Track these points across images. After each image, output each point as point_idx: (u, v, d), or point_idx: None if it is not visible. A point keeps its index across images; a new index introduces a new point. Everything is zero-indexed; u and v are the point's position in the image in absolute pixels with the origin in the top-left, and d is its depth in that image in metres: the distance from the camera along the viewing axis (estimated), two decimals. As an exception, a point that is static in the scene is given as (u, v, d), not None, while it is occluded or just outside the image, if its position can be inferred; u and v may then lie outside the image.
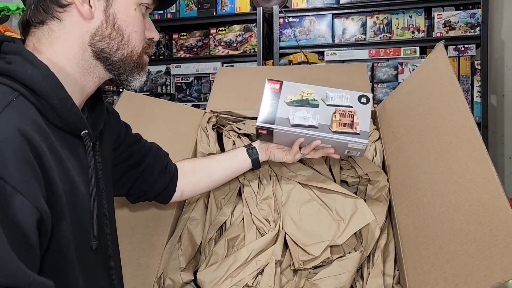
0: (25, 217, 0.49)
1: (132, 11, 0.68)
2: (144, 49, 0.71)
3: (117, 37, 0.66)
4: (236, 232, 1.05)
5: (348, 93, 0.91)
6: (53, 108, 0.59)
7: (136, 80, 0.72)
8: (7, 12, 1.47)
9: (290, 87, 0.92)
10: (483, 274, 0.64)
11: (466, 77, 2.36)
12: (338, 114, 0.89)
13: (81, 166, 0.65)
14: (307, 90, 0.91)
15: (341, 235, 0.96)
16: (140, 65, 0.71)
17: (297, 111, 0.90)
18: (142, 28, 0.70)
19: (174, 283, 0.98)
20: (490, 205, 0.68)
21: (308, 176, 1.08)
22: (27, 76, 0.57)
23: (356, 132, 0.87)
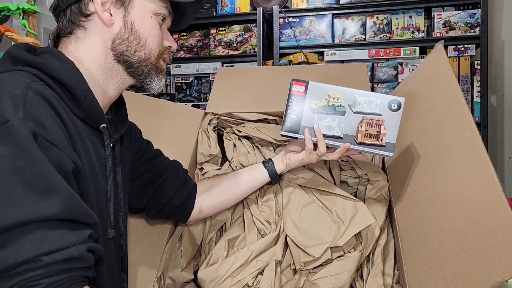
0: (63, 167, 0.53)
1: (148, 18, 0.73)
2: (161, 53, 0.76)
3: (134, 40, 0.72)
4: (236, 233, 1.05)
5: (378, 97, 0.85)
6: (75, 99, 0.65)
7: (155, 82, 0.76)
8: (7, 12, 1.47)
9: (316, 89, 0.87)
10: (483, 273, 0.64)
11: (466, 77, 2.36)
12: (365, 123, 0.85)
13: (99, 156, 0.69)
14: (333, 94, 0.87)
15: (341, 237, 0.97)
16: (158, 68, 0.76)
17: (322, 119, 0.87)
18: (158, 33, 0.74)
19: (174, 283, 0.99)
20: (490, 205, 0.68)
21: (308, 178, 1.08)
22: (53, 68, 0.63)
23: (382, 144, 0.84)
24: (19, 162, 0.49)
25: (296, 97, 0.88)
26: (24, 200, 0.48)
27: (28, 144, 0.50)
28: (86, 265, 0.52)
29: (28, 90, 0.55)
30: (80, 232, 0.52)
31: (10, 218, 0.47)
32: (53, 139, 0.53)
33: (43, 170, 0.50)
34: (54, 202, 0.49)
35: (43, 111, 0.55)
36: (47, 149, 0.52)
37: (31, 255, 0.47)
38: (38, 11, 1.53)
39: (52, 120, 0.55)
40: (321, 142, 0.87)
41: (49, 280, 0.48)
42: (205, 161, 1.21)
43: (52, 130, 0.54)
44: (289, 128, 0.88)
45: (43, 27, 1.62)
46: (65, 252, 0.49)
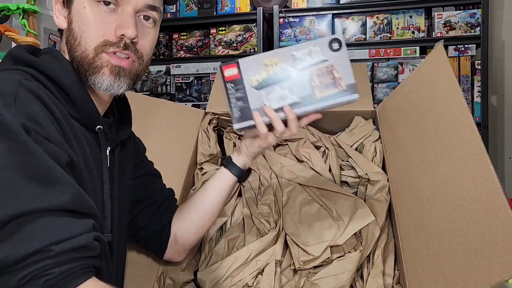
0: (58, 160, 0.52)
1: (82, 11, 0.65)
2: (101, 48, 0.65)
3: (72, 39, 0.66)
4: (236, 233, 1.05)
5: (316, 43, 0.75)
6: (71, 100, 0.64)
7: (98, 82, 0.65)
8: (7, 12, 1.47)
9: (250, 64, 0.76)
10: (483, 273, 0.64)
11: (466, 77, 2.36)
12: (316, 76, 0.74)
13: (96, 158, 0.68)
14: (270, 61, 0.75)
15: (341, 235, 0.97)
16: (94, 65, 0.65)
17: (270, 92, 0.75)
18: (94, 27, 0.64)
19: (174, 283, 0.99)
20: (489, 205, 0.68)
21: (308, 177, 1.08)
22: (51, 68, 0.62)
23: (343, 89, 0.74)
24: (17, 156, 0.49)
25: (233, 83, 0.76)
26: (26, 191, 0.48)
27: (23, 139, 0.50)
28: (94, 254, 0.53)
29: (19, 87, 0.54)
30: (85, 221, 0.52)
31: (14, 208, 0.47)
32: (46, 133, 0.53)
33: (41, 163, 0.50)
34: (58, 193, 0.50)
35: (35, 107, 0.54)
36: (41, 143, 0.51)
37: (42, 245, 0.47)
38: (38, 11, 1.53)
39: (44, 116, 0.55)
40: (275, 120, 0.75)
41: (60, 269, 0.48)
42: (205, 161, 1.21)
43: (44, 125, 0.54)
44: (240, 118, 0.76)
45: (43, 27, 1.62)
46: (74, 241, 0.49)
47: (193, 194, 0.91)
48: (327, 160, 1.14)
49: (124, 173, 0.79)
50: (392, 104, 1.17)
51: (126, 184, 0.81)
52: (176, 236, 0.89)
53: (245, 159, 0.86)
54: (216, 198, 0.87)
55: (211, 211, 0.88)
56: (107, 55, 0.65)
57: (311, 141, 1.18)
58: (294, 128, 0.76)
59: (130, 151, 0.83)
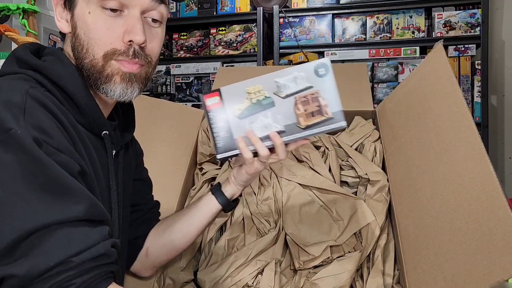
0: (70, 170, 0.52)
1: (86, 16, 0.62)
2: (109, 55, 0.63)
3: (79, 46, 0.64)
4: (236, 233, 1.05)
5: (301, 69, 0.71)
6: (77, 105, 0.63)
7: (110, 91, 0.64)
8: (7, 12, 1.47)
9: (232, 92, 0.73)
10: (482, 273, 0.64)
11: (466, 77, 2.36)
12: (301, 104, 0.71)
13: (103, 163, 0.67)
14: (253, 89, 0.73)
15: (341, 235, 0.97)
16: (104, 74, 0.64)
17: (254, 121, 0.73)
18: (101, 33, 0.62)
19: (174, 283, 0.99)
20: (489, 205, 0.68)
21: (308, 177, 1.08)
22: (56, 73, 0.61)
23: (329, 116, 0.71)
24: (30, 168, 0.49)
25: (215, 111, 0.74)
26: (41, 204, 0.48)
27: (35, 151, 0.49)
28: (112, 260, 0.53)
29: (26, 97, 0.54)
30: (100, 229, 0.53)
31: (31, 223, 0.47)
32: (57, 144, 0.53)
33: (54, 174, 0.50)
34: (73, 204, 0.50)
35: (44, 118, 0.54)
36: (52, 154, 0.51)
37: (62, 257, 0.48)
38: (38, 11, 1.53)
39: (54, 126, 0.54)
40: (257, 144, 0.72)
41: (81, 279, 0.49)
42: (205, 161, 1.21)
43: (54, 136, 0.53)
44: (223, 148, 0.74)
45: (43, 27, 1.62)
46: (93, 251, 0.50)
47: (176, 214, 0.89)
48: (327, 160, 1.14)
49: (128, 176, 0.79)
50: (392, 104, 1.17)
51: (129, 187, 0.80)
52: (148, 251, 0.86)
53: (234, 189, 0.84)
54: (196, 223, 0.85)
55: (188, 236, 0.86)
56: (117, 62, 0.64)
57: (311, 141, 1.18)
58: (281, 154, 0.73)
59: (132, 152, 0.83)
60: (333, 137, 1.22)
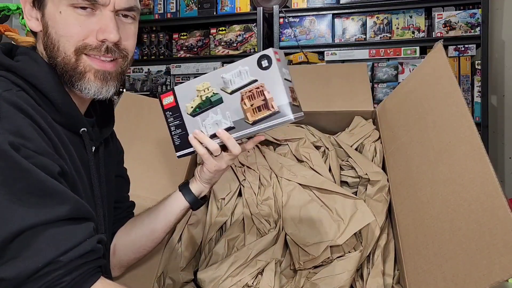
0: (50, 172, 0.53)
1: (57, 16, 0.62)
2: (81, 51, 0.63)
3: (51, 45, 0.64)
4: (236, 233, 1.05)
5: (245, 63, 0.70)
6: (53, 104, 0.62)
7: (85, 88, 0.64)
8: (7, 12, 1.47)
9: (184, 91, 0.75)
10: (482, 273, 0.64)
11: (466, 77, 2.36)
12: (247, 99, 0.70)
13: (83, 160, 0.68)
14: (202, 86, 0.73)
15: (341, 235, 0.97)
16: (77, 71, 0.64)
17: (205, 118, 0.74)
18: (72, 31, 0.62)
19: (174, 283, 0.99)
20: (489, 205, 0.68)
21: (308, 177, 1.08)
22: (30, 72, 0.61)
23: (275, 110, 0.68)
24: (10, 174, 0.49)
25: (170, 111, 0.77)
26: (25, 207, 0.49)
27: (13, 156, 0.49)
28: (99, 255, 0.54)
29: (1, 102, 0.53)
30: (85, 226, 0.53)
31: (16, 225, 0.48)
32: (35, 147, 0.53)
33: (35, 177, 0.50)
34: (56, 204, 0.51)
35: (20, 122, 0.54)
36: (31, 158, 0.51)
37: (50, 257, 0.49)
38: (38, 11, 1.53)
39: (31, 129, 0.54)
40: (205, 140, 0.73)
41: (70, 276, 0.50)
42: (205, 161, 1.21)
43: (32, 139, 0.53)
44: (180, 146, 0.77)
45: (43, 27, 1.62)
46: (79, 248, 0.51)
47: (144, 212, 0.88)
48: (327, 160, 1.14)
49: (109, 171, 0.79)
50: (392, 104, 1.17)
51: (111, 182, 0.80)
52: (115, 248, 0.85)
53: (200, 186, 0.82)
54: (163, 220, 0.83)
55: (155, 233, 0.84)
56: (89, 58, 0.64)
57: (311, 141, 1.18)
58: (234, 149, 0.73)
59: (113, 148, 0.82)
60: (333, 137, 1.22)
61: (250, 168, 1.14)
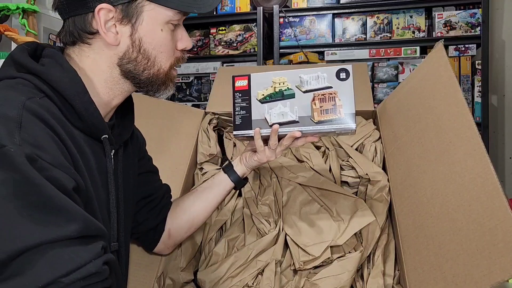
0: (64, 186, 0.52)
1: (158, 33, 0.67)
2: (173, 65, 0.72)
3: (143, 60, 0.67)
4: (236, 233, 1.05)
5: (324, 70, 0.79)
6: (76, 111, 0.62)
7: (163, 95, 0.73)
8: (7, 12, 1.47)
9: (260, 79, 0.82)
10: (483, 273, 0.64)
11: (466, 77, 2.36)
12: (318, 100, 0.78)
13: (101, 168, 0.67)
14: (278, 79, 0.80)
15: (341, 235, 0.97)
16: (167, 81, 0.72)
17: (273, 107, 0.80)
18: (169, 47, 0.69)
19: (174, 283, 0.99)
20: (489, 205, 0.68)
21: (308, 177, 1.08)
22: (55, 78, 0.61)
23: (341, 116, 0.77)
24: (22, 187, 0.48)
25: (240, 93, 0.83)
26: (32, 224, 0.48)
27: (27, 170, 0.49)
28: (103, 278, 0.52)
29: (23, 112, 0.53)
30: (93, 246, 0.52)
31: (21, 242, 0.47)
32: (52, 160, 0.52)
33: (47, 193, 0.49)
34: (64, 222, 0.49)
35: (40, 132, 0.53)
36: (47, 170, 0.51)
37: (51, 278, 0.47)
38: (38, 11, 1.53)
39: (50, 141, 0.54)
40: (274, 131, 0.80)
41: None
42: (205, 161, 1.21)
43: (50, 151, 0.53)
44: (240, 126, 0.82)
45: (43, 27, 1.62)
46: (82, 271, 0.49)
47: (190, 193, 0.96)
48: (327, 160, 1.14)
49: (128, 175, 0.79)
50: (392, 104, 1.17)
51: (130, 186, 0.80)
52: (170, 232, 0.92)
53: (243, 169, 0.92)
54: (212, 200, 0.93)
55: (205, 212, 0.94)
56: (175, 70, 0.73)
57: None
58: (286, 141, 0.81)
59: (132, 148, 0.83)
60: (334, 137, 1.22)
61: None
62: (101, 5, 0.62)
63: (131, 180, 0.81)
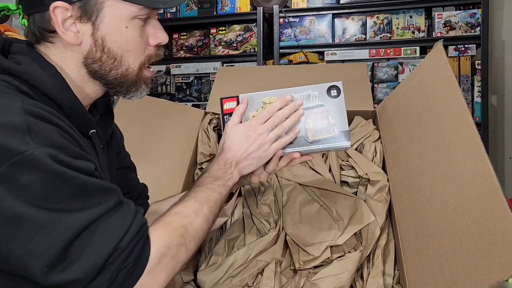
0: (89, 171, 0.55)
1: (123, 31, 0.63)
2: (143, 64, 0.67)
3: (108, 60, 0.64)
4: (236, 233, 1.05)
5: (315, 88, 0.77)
6: (61, 109, 0.62)
7: (135, 97, 0.69)
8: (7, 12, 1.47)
9: (250, 100, 0.79)
10: (482, 273, 0.64)
11: (466, 77, 2.36)
12: (310, 120, 0.76)
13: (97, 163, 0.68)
14: (268, 100, 0.78)
15: (341, 235, 0.97)
16: (138, 81, 0.67)
17: None
18: (137, 44, 0.65)
19: (174, 283, 0.99)
20: (489, 204, 0.68)
21: (308, 177, 1.08)
22: (35, 77, 0.60)
23: (335, 135, 0.76)
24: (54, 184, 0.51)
25: (230, 116, 0.79)
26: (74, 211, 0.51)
27: (55, 167, 0.50)
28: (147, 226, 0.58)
29: (26, 117, 0.52)
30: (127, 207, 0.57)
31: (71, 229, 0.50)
32: (69, 153, 0.54)
33: (79, 182, 0.52)
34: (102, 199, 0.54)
35: (49, 132, 0.54)
36: (70, 163, 0.53)
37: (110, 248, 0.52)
38: (38, 11, 1.53)
39: (59, 136, 0.55)
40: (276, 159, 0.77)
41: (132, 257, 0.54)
42: (205, 161, 1.21)
43: (64, 145, 0.54)
44: None
45: (43, 27, 1.62)
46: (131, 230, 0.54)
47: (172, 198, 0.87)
48: (327, 160, 1.14)
49: (113, 170, 0.79)
50: (392, 104, 1.17)
51: (115, 180, 0.79)
52: None
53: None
54: None
55: None
56: (146, 70, 0.68)
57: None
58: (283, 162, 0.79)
59: (112, 143, 0.81)
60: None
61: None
62: (56, 3, 0.59)
63: (114, 175, 0.81)
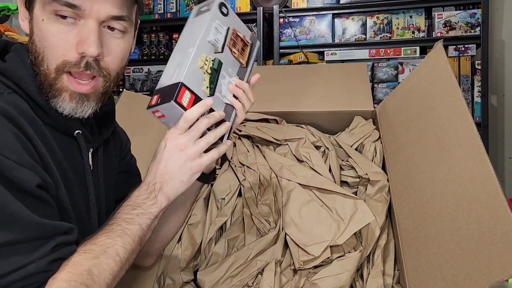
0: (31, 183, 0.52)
1: (40, 23, 0.58)
2: (59, 69, 0.59)
3: (35, 53, 0.59)
4: (236, 233, 1.05)
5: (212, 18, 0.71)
6: (42, 108, 0.60)
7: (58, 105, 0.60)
8: (7, 12, 1.47)
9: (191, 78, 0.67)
10: (482, 273, 0.64)
11: (466, 77, 2.36)
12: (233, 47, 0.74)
13: (76, 167, 0.65)
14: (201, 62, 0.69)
15: (341, 235, 0.97)
16: (59, 89, 0.60)
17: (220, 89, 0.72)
18: (53, 44, 0.58)
19: (174, 283, 0.99)
20: (489, 204, 0.68)
21: (308, 177, 1.08)
22: (16, 74, 0.59)
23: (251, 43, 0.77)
24: None
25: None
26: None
27: None
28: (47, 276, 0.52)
29: None
30: (42, 247, 0.52)
31: None
32: (18, 158, 0.51)
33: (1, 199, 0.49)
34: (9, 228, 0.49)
35: (6, 132, 0.52)
36: (13, 169, 0.50)
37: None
38: (38, 11, 1.53)
39: (15, 140, 0.52)
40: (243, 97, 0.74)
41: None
42: (205, 161, 1.21)
43: (16, 149, 0.52)
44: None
45: (43, 27, 1.62)
46: (21, 272, 0.49)
47: None
48: (327, 160, 1.14)
49: (110, 174, 0.76)
50: (392, 104, 1.17)
51: (111, 185, 0.78)
52: None
53: None
54: (180, 205, 0.81)
55: (179, 221, 0.84)
56: (68, 79, 0.60)
57: (311, 141, 1.18)
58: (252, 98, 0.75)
59: (113, 147, 0.79)
60: (333, 137, 1.22)
61: (250, 168, 1.14)
62: None
63: (113, 180, 0.79)
